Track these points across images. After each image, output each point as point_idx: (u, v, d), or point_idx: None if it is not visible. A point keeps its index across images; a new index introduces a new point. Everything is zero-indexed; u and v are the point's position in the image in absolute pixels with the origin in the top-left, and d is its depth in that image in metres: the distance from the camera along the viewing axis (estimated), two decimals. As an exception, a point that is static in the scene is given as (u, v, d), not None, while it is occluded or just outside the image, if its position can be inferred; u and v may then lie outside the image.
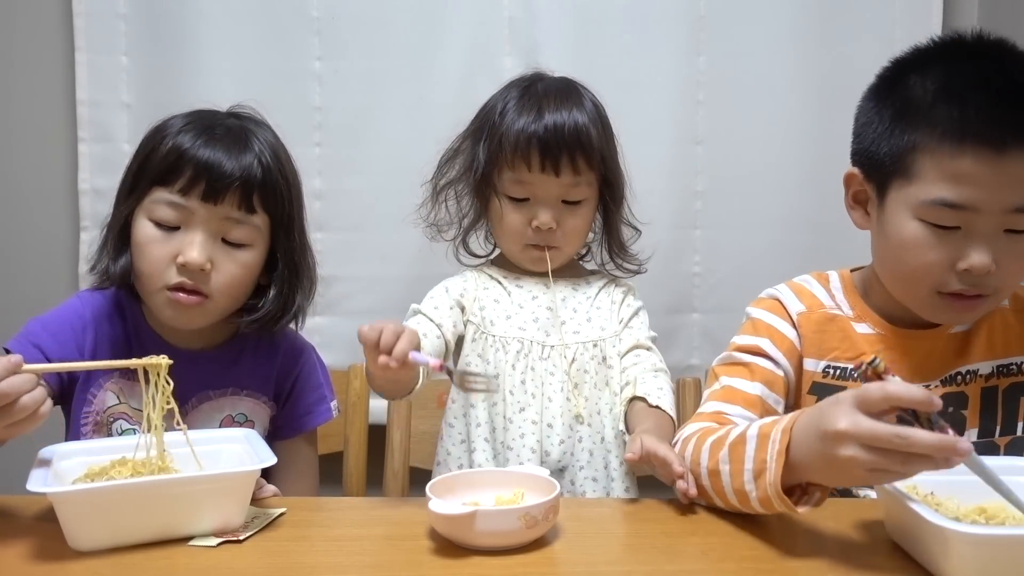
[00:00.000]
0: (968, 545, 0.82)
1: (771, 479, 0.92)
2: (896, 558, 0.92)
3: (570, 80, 1.42)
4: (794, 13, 1.94)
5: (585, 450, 1.36)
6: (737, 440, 1.00)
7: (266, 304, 1.24)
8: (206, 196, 1.16)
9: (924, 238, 1.07)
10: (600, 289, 1.45)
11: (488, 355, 1.37)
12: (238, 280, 1.20)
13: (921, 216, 1.07)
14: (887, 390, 0.85)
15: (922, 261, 1.08)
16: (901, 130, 1.09)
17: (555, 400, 1.35)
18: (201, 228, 1.17)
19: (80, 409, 1.23)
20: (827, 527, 1.01)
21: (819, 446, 0.88)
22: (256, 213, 1.19)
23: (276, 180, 1.21)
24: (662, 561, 0.93)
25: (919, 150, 1.06)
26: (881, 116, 1.13)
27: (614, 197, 1.42)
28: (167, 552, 0.92)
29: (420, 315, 1.38)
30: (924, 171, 1.06)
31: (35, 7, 1.93)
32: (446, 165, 1.44)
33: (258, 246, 1.21)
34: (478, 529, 0.92)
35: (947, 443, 0.81)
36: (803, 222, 1.97)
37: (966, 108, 1.03)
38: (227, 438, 1.11)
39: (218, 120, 1.22)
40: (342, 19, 1.91)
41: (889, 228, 1.12)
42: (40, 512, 1.01)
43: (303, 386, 1.35)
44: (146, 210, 1.18)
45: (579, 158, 1.33)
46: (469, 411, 1.38)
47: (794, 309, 1.24)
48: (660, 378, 1.37)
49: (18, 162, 1.97)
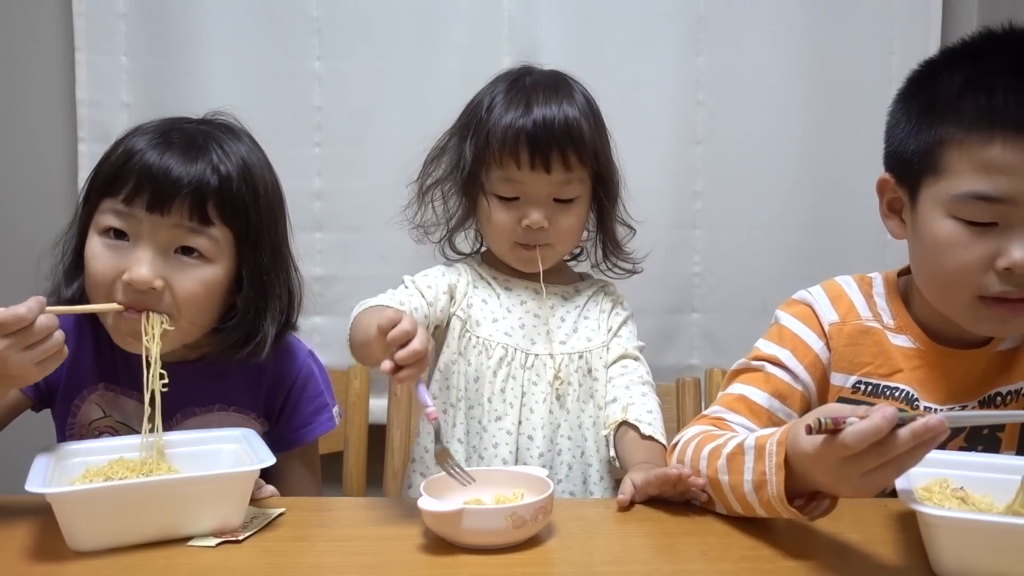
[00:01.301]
0: (945, 530, 0.84)
1: (774, 491, 0.91)
2: (896, 558, 0.92)
3: (560, 73, 1.38)
4: (793, 13, 1.94)
5: (564, 463, 1.33)
6: (735, 451, 0.99)
7: (227, 330, 1.14)
8: (151, 205, 1.06)
9: (958, 236, 1.02)
10: (589, 298, 1.41)
11: (470, 356, 1.34)
12: (196, 297, 1.10)
13: (954, 213, 1.02)
14: (847, 442, 0.81)
15: (959, 262, 1.02)
16: (928, 125, 1.04)
17: (537, 411, 1.33)
18: (148, 242, 1.07)
19: (64, 420, 1.20)
20: (827, 527, 1.00)
21: (819, 485, 0.90)
22: (213, 225, 1.09)
23: (238, 190, 1.11)
24: (660, 561, 0.93)
25: (947, 143, 1.02)
26: (908, 115, 1.08)
27: (608, 194, 1.37)
28: (167, 552, 0.92)
29: (413, 287, 1.33)
30: (954, 164, 1.01)
31: (35, 7, 1.93)
32: (432, 164, 1.39)
33: (220, 262, 1.11)
34: (464, 527, 0.92)
35: (918, 429, 0.79)
36: (803, 222, 1.98)
37: (994, 96, 0.99)
38: (226, 438, 1.10)
39: (179, 125, 1.14)
40: (342, 19, 1.91)
41: (923, 230, 1.06)
42: (40, 512, 1.00)
43: (300, 396, 1.27)
44: (95, 223, 1.10)
45: (571, 154, 1.28)
46: (448, 410, 1.35)
47: (827, 319, 1.18)
48: (648, 397, 1.33)
49: (18, 162, 1.96)
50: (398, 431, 1.58)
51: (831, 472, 0.85)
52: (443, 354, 1.37)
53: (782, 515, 0.93)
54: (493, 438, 1.32)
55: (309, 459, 1.33)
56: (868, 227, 1.97)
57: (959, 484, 0.97)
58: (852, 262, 1.99)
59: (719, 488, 1.01)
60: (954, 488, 0.96)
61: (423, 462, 1.38)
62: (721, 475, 1.00)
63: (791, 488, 0.91)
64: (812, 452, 0.86)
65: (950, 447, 1.12)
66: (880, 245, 1.96)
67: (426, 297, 1.33)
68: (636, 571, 0.91)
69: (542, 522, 0.96)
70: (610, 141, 1.38)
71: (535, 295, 1.37)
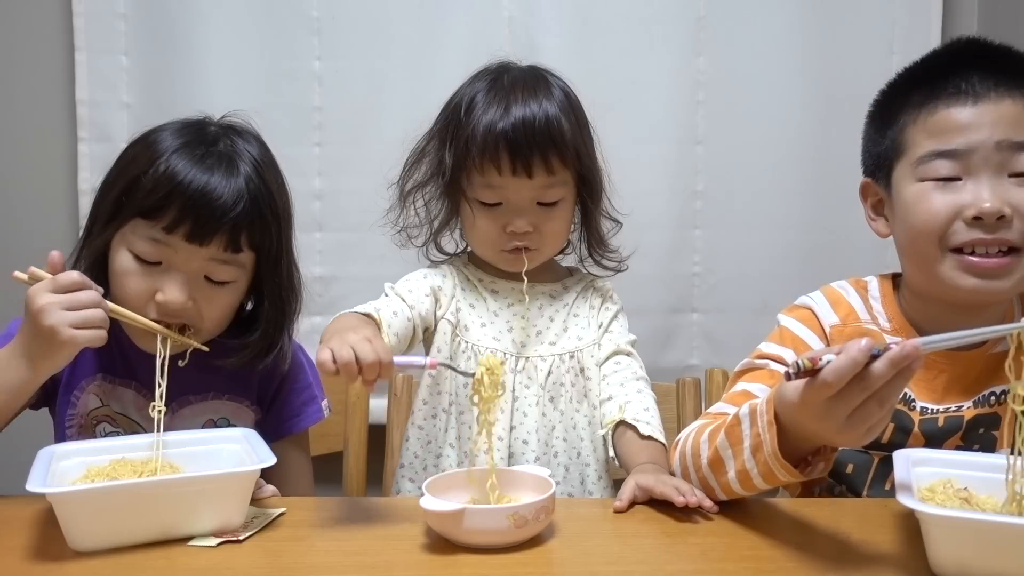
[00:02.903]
0: (942, 529, 0.85)
1: (768, 449, 0.94)
2: (896, 558, 0.92)
3: (538, 69, 1.34)
4: (793, 13, 1.94)
5: (561, 465, 1.32)
6: (732, 423, 1.01)
7: (250, 345, 1.20)
8: (192, 237, 1.10)
9: (926, 192, 1.10)
10: (578, 295, 1.39)
11: (460, 361, 1.32)
12: (220, 313, 1.17)
13: (920, 176, 1.11)
14: (838, 372, 0.83)
15: (929, 214, 1.09)
16: (889, 123, 1.16)
17: (530, 415, 1.31)
18: (183, 267, 1.12)
19: (64, 411, 1.21)
20: (827, 527, 1.01)
21: (809, 434, 0.92)
22: (242, 252, 1.15)
23: (265, 213, 1.15)
24: (661, 561, 0.93)
25: (905, 127, 1.14)
26: (873, 125, 1.21)
27: (591, 194, 1.34)
28: (167, 552, 0.92)
29: (393, 294, 1.32)
30: (913, 139, 1.12)
31: (35, 7, 1.93)
32: (412, 167, 1.36)
33: (241, 280, 1.17)
34: (466, 527, 0.92)
35: (895, 355, 0.83)
36: (802, 221, 1.98)
37: (935, 79, 1.12)
38: (227, 438, 1.10)
39: (209, 138, 1.16)
40: (342, 19, 1.91)
41: (898, 207, 1.15)
42: (40, 512, 1.01)
43: (290, 388, 1.30)
44: (127, 240, 1.13)
45: (552, 157, 1.25)
46: (440, 415, 1.34)
47: (828, 321, 1.21)
48: (644, 394, 1.31)
49: (18, 162, 1.97)
50: (398, 431, 1.57)
51: (818, 416, 0.87)
52: (431, 354, 1.34)
53: (778, 478, 0.95)
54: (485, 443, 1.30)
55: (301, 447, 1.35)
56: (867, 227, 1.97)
57: (963, 484, 0.97)
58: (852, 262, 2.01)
59: (720, 467, 1.02)
60: (958, 488, 0.96)
61: (412, 468, 1.36)
62: (723, 451, 1.01)
63: (786, 451, 0.93)
64: (797, 400, 0.89)
65: (946, 446, 1.12)
66: (880, 245, 1.94)
67: (407, 301, 1.30)
68: (636, 571, 0.91)
69: (544, 522, 0.96)
70: (593, 136, 1.34)
71: (522, 296, 1.34)
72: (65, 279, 1.00)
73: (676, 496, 1.03)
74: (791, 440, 0.94)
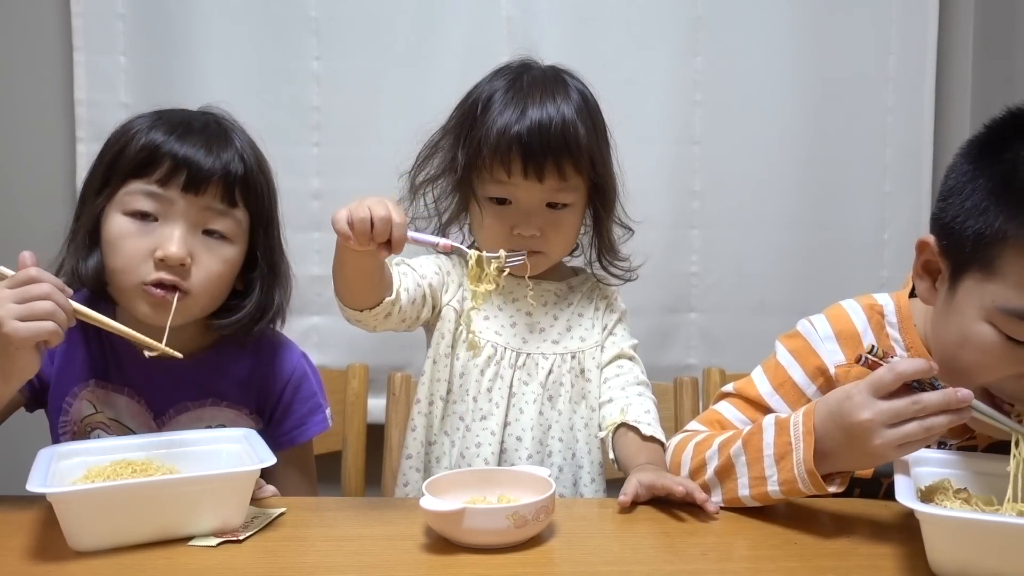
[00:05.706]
0: (941, 529, 0.86)
1: (800, 457, 0.96)
2: (896, 558, 0.92)
3: (559, 70, 1.33)
4: (790, 13, 1.94)
5: (555, 465, 1.32)
6: (752, 432, 1.02)
7: (248, 304, 1.20)
8: (187, 186, 1.12)
9: (991, 346, 0.95)
10: (583, 296, 1.39)
11: (459, 351, 1.32)
12: (218, 276, 1.16)
13: (994, 322, 0.94)
14: (897, 370, 0.91)
15: (981, 366, 0.97)
16: (994, 213, 0.93)
17: (527, 412, 1.31)
18: (181, 220, 1.12)
19: (57, 418, 1.21)
20: (827, 527, 1.01)
21: (843, 438, 0.94)
22: (238, 207, 1.16)
23: (257, 177, 1.19)
24: (661, 561, 0.94)
25: (1008, 244, 0.92)
26: (974, 185, 0.96)
27: (604, 201, 1.34)
28: (167, 552, 0.92)
29: (405, 266, 1.30)
30: (1007, 270, 0.92)
31: (34, 7, 1.93)
32: (425, 162, 1.36)
33: (239, 243, 1.18)
34: (466, 527, 0.93)
35: (950, 394, 0.90)
36: (800, 221, 1.98)
37: None
38: (227, 438, 1.10)
39: (192, 116, 1.19)
40: (341, 19, 1.91)
41: (955, 320, 0.99)
42: (40, 512, 1.01)
43: (292, 397, 1.28)
44: (119, 204, 1.13)
45: (565, 163, 1.24)
46: (436, 402, 1.32)
47: (831, 360, 1.13)
48: (645, 398, 1.31)
49: (17, 162, 1.96)
50: (396, 430, 1.57)
51: (863, 407, 0.91)
52: (439, 344, 1.33)
53: (798, 488, 0.97)
54: (476, 437, 1.29)
55: (303, 462, 1.33)
56: (865, 226, 1.98)
57: (962, 485, 0.98)
58: (849, 262, 2.02)
59: (730, 473, 1.03)
60: (957, 489, 0.97)
61: (419, 458, 1.35)
62: (736, 458, 1.02)
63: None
64: (844, 392, 0.94)
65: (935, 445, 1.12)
66: (877, 245, 1.97)
67: (417, 271, 1.30)
68: (636, 571, 0.91)
69: (544, 522, 0.96)
70: (610, 141, 1.34)
71: (528, 292, 1.33)
72: (20, 275, 0.97)
73: (676, 487, 1.04)
74: (818, 463, 0.96)
